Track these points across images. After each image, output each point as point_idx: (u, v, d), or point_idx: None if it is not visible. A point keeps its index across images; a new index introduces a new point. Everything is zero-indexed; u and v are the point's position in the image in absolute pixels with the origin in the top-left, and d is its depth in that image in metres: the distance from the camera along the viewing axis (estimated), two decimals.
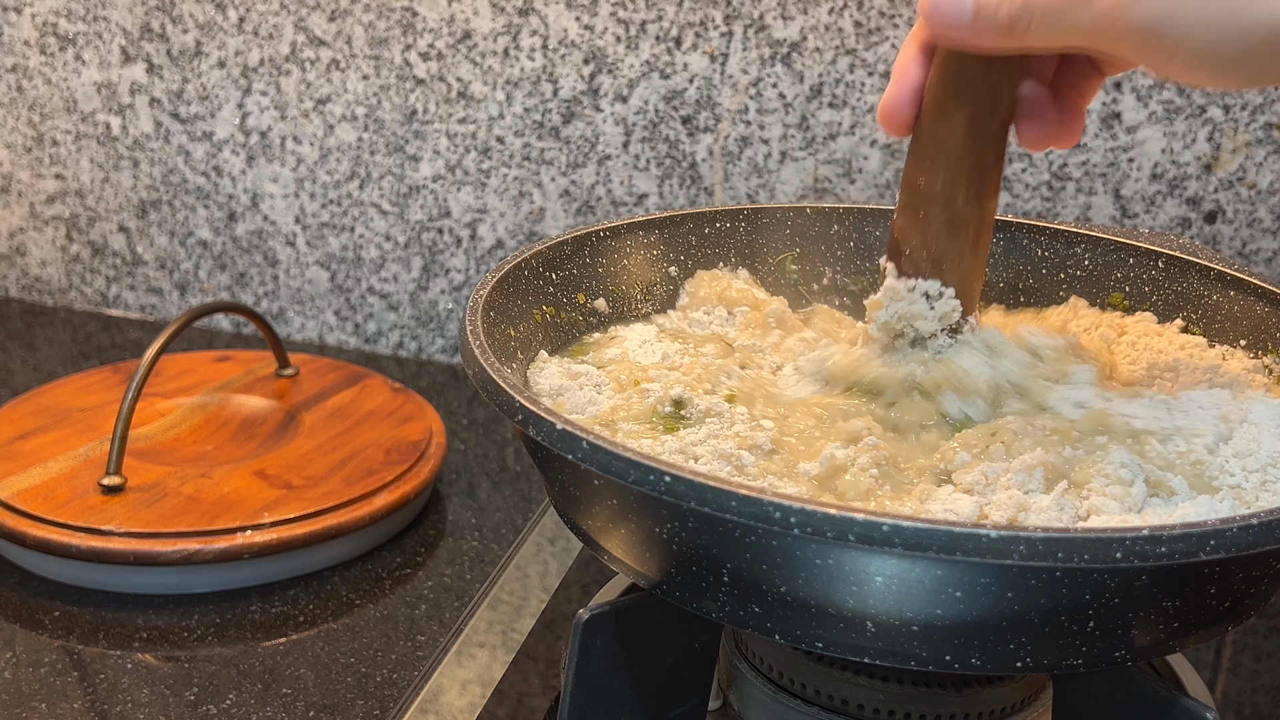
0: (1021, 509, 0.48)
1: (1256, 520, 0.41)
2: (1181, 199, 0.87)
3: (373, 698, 0.64)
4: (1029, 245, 0.70)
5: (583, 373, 0.59)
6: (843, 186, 0.92)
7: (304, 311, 1.06)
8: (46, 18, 1.04)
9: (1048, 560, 0.40)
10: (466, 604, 0.72)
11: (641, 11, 0.91)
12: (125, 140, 1.05)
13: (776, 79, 0.90)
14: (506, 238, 0.99)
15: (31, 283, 1.12)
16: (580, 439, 0.45)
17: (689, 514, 0.45)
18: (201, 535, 0.70)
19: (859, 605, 0.44)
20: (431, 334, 1.04)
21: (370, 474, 0.76)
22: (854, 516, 0.41)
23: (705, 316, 0.66)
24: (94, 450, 0.77)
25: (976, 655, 0.45)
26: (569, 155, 0.96)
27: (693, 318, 0.66)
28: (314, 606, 0.71)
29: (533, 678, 0.66)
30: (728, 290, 0.67)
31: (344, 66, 0.98)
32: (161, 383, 0.87)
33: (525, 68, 0.94)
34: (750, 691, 0.58)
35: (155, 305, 1.10)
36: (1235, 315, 0.63)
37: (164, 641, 0.68)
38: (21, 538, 0.70)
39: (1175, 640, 0.46)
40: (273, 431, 0.83)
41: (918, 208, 0.55)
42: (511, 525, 0.80)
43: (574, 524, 0.53)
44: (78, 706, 0.62)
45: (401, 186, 1.00)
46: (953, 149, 0.53)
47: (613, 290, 0.67)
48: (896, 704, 0.54)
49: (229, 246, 1.06)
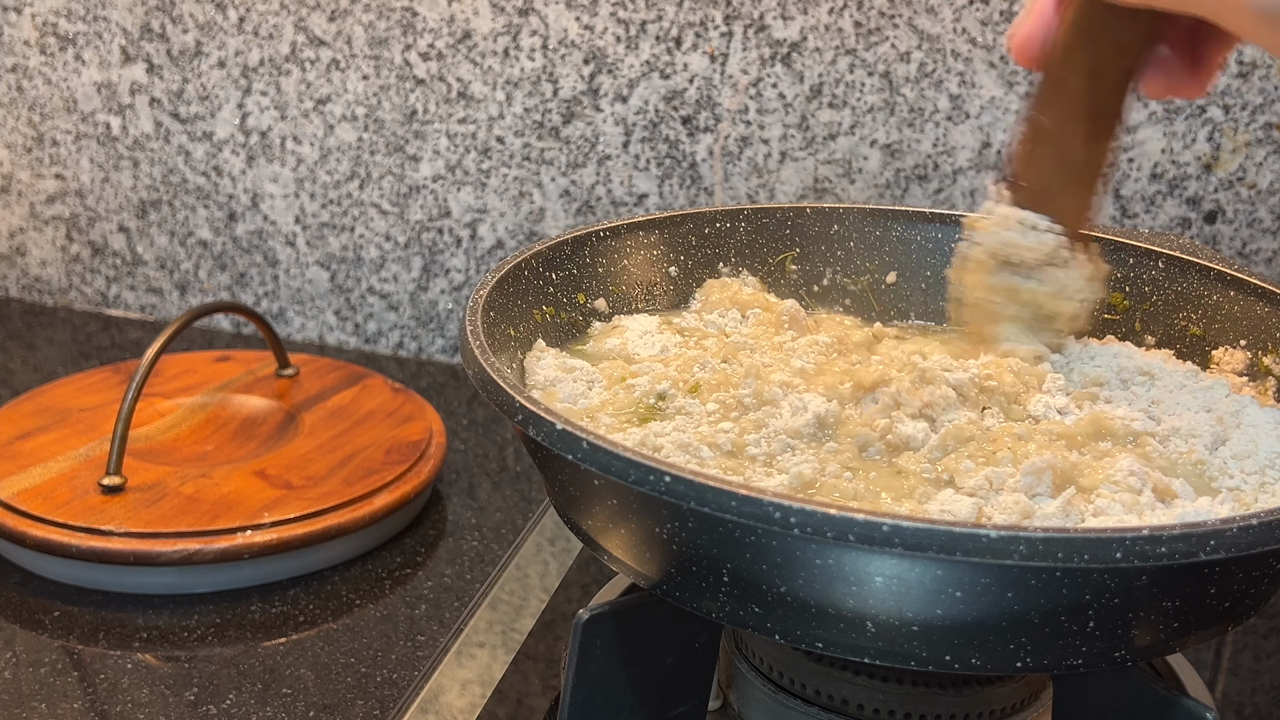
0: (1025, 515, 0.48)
1: (1256, 520, 0.41)
2: (1181, 199, 0.87)
3: (373, 698, 0.64)
4: None
5: (578, 367, 0.60)
6: (843, 186, 0.92)
7: (304, 311, 1.06)
8: (46, 18, 1.04)
9: (1048, 560, 0.40)
10: (466, 604, 0.72)
11: (641, 11, 0.91)
12: (125, 140, 1.05)
13: (776, 79, 0.90)
14: (506, 238, 0.99)
15: (31, 283, 1.12)
16: (580, 439, 0.45)
17: (689, 514, 0.45)
18: (201, 535, 0.70)
19: (859, 605, 0.44)
20: (431, 334, 1.04)
21: (370, 474, 0.76)
22: (854, 516, 0.41)
23: (720, 319, 0.66)
24: (94, 450, 0.77)
25: (976, 655, 0.45)
26: (569, 155, 0.96)
27: (708, 320, 0.66)
28: (314, 606, 0.71)
29: (533, 678, 0.66)
30: (739, 294, 0.67)
31: (344, 66, 0.98)
32: (161, 383, 0.87)
33: (525, 68, 0.94)
34: (750, 691, 0.58)
35: (155, 305, 1.10)
36: (1235, 315, 0.63)
37: (164, 641, 0.68)
38: (21, 538, 0.70)
39: (1175, 640, 0.46)
40: (273, 431, 0.83)
41: (1034, 141, 0.57)
42: (511, 525, 0.80)
43: (574, 524, 0.53)
44: (78, 706, 0.62)
45: (401, 186, 1.00)
46: (1073, 92, 0.55)
47: (613, 290, 0.67)
48: (896, 704, 0.54)
49: (229, 246, 1.06)
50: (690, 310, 0.68)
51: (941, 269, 0.71)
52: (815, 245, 0.72)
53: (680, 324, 0.66)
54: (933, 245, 0.72)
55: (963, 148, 0.88)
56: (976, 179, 0.89)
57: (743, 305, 0.67)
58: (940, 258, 0.71)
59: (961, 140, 0.88)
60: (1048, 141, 0.57)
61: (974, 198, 0.89)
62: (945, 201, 0.90)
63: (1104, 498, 0.48)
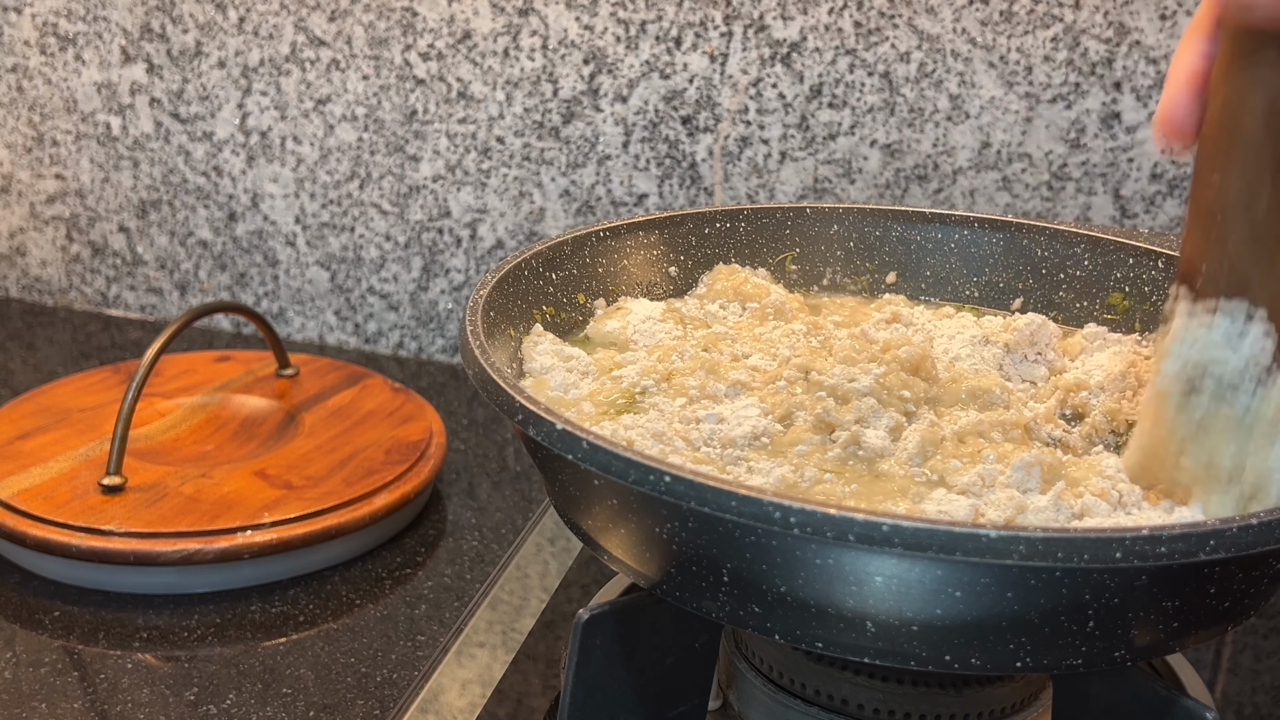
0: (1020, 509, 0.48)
1: (1256, 520, 0.41)
2: (1181, 199, 0.87)
3: (373, 698, 0.64)
4: (1029, 245, 0.70)
5: (574, 355, 0.60)
6: (843, 186, 0.92)
7: (304, 311, 1.06)
8: (46, 18, 1.04)
9: (1048, 560, 0.40)
10: (466, 604, 0.72)
11: (641, 11, 0.91)
12: (125, 140, 1.05)
13: (776, 79, 0.90)
14: (506, 238, 0.99)
15: (31, 283, 1.12)
16: (580, 439, 0.45)
17: (689, 514, 0.45)
18: (201, 535, 0.70)
19: (859, 605, 0.44)
20: (431, 334, 1.04)
21: (370, 474, 0.76)
22: (854, 517, 0.41)
23: (721, 310, 0.67)
24: (94, 450, 0.77)
25: (976, 655, 0.45)
26: (569, 155, 0.96)
27: (708, 310, 0.67)
28: (314, 606, 0.71)
29: (533, 678, 0.66)
30: (744, 286, 0.67)
31: (344, 66, 0.98)
32: (161, 383, 0.87)
33: (525, 68, 0.94)
34: (750, 691, 0.58)
35: (155, 305, 1.10)
36: None
37: (164, 641, 0.68)
38: (21, 538, 0.70)
39: (1175, 640, 0.46)
40: (273, 431, 0.83)
41: (1213, 214, 0.47)
42: (511, 525, 0.80)
43: (574, 524, 0.53)
44: (78, 706, 0.62)
45: (401, 186, 1.00)
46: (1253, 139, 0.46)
47: (613, 290, 0.67)
48: (896, 704, 0.54)
49: (229, 246, 1.06)
50: (694, 295, 0.68)
51: (941, 269, 0.71)
52: (815, 245, 0.72)
53: (683, 311, 0.66)
54: (933, 245, 0.72)
55: (963, 148, 0.88)
56: (976, 179, 0.89)
57: (745, 296, 0.67)
58: (940, 258, 0.71)
59: (961, 140, 0.88)
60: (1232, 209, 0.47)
61: (974, 197, 0.89)
62: (945, 201, 0.90)
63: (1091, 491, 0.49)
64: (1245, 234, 0.47)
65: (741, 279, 0.68)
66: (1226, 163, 0.47)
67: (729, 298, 0.67)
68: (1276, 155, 0.46)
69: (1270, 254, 0.47)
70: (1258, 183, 0.46)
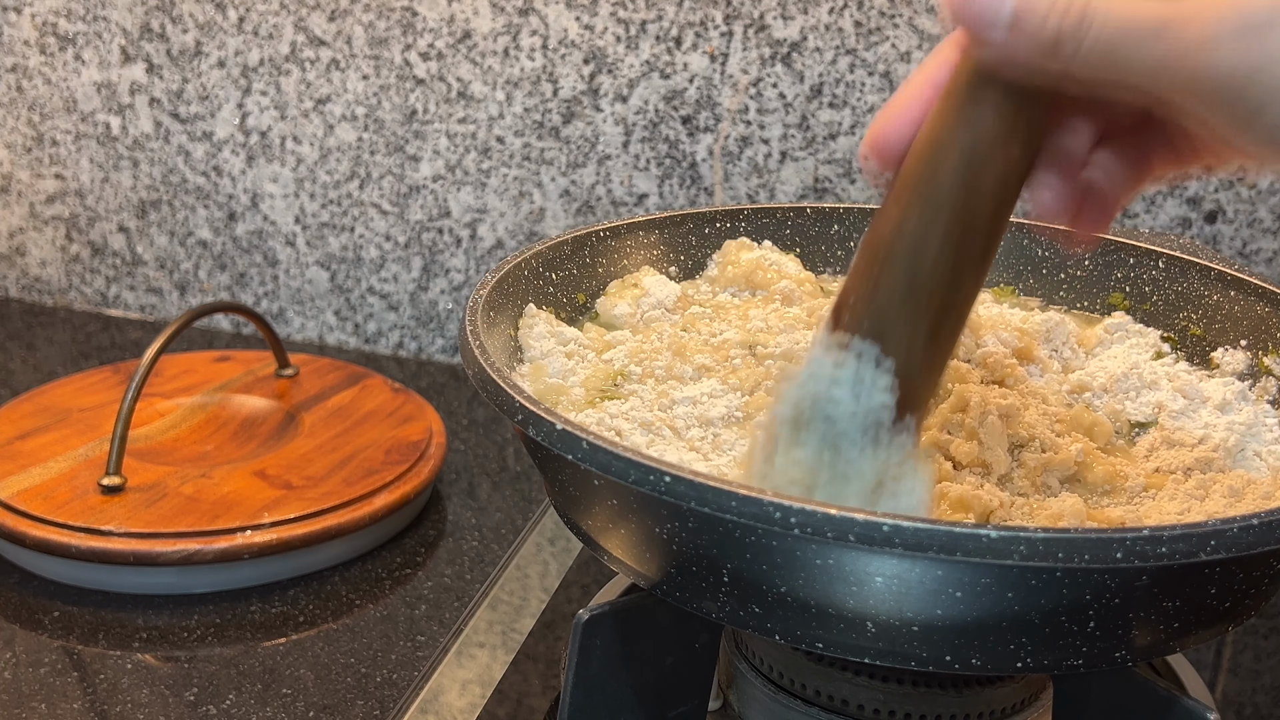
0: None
1: (1256, 520, 0.41)
2: (1181, 199, 0.87)
3: (373, 698, 0.64)
4: (1029, 245, 0.70)
5: (572, 338, 0.61)
6: (843, 186, 0.92)
7: (304, 311, 1.06)
8: (46, 18, 1.04)
9: (1048, 560, 0.40)
10: (466, 604, 0.72)
11: (641, 11, 0.91)
12: (125, 140, 1.05)
13: (776, 79, 0.90)
14: (506, 238, 0.99)
15: (31, 283, 1.12)
16: (580, 439, 0.45)
17: (689, 514, 0.45)
18: (201, 535, 0.70)
19: (859, 605, 0.44)
20: (431, 334, 1.04)
21: (370, 474, 0.76)
22: (854, 516, 0.41)
23: (732, 299, 0.67)
24: (94, 450, 0.77)
25: (976, 655, 0.45)
26: (569, 155, 0.96)
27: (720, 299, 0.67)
28: (314, 606, 0.71)
29: (533, 678, 0.66)
30: (754, 272, 0.67)
31: (344, 66, 0.98)
32: (161, 383, 0.87)
33: (525, 68, 0.94)
34: (750, 691, 0.58)
35: (155, 305, 1.10)
36: (1235, 315, 0.63)
37: (164, 641, 0.68)
38: (21, 538, 0.70)
39: (1175, 640, 0.46)
40: (273, 431, 0.83)
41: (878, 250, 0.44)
42: (511, 525, 0.80)
43: (574, 524, 0.53)
44: (78, 706, 0.62)
45: (401, 186, 1.00)
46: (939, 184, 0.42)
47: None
48: (896, 704, 0.54)
49: (229, 246, 1.06)
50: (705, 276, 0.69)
51: None
52: (815, 245, 0.72)
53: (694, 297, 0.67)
54: None
55: None
56: None
57: (756, 285, 0.67)
58: None
59: None
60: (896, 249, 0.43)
61: None
62: None
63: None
64: (902, 282, 0.43)
65: (754, 261, 0.68)
66: (910, 200, 0.43)
67: (740, 285, 0.67)
68: (959, 208, 0.42)
69: (917, 310, 0.43)
70: (931, 233, 0.43)
